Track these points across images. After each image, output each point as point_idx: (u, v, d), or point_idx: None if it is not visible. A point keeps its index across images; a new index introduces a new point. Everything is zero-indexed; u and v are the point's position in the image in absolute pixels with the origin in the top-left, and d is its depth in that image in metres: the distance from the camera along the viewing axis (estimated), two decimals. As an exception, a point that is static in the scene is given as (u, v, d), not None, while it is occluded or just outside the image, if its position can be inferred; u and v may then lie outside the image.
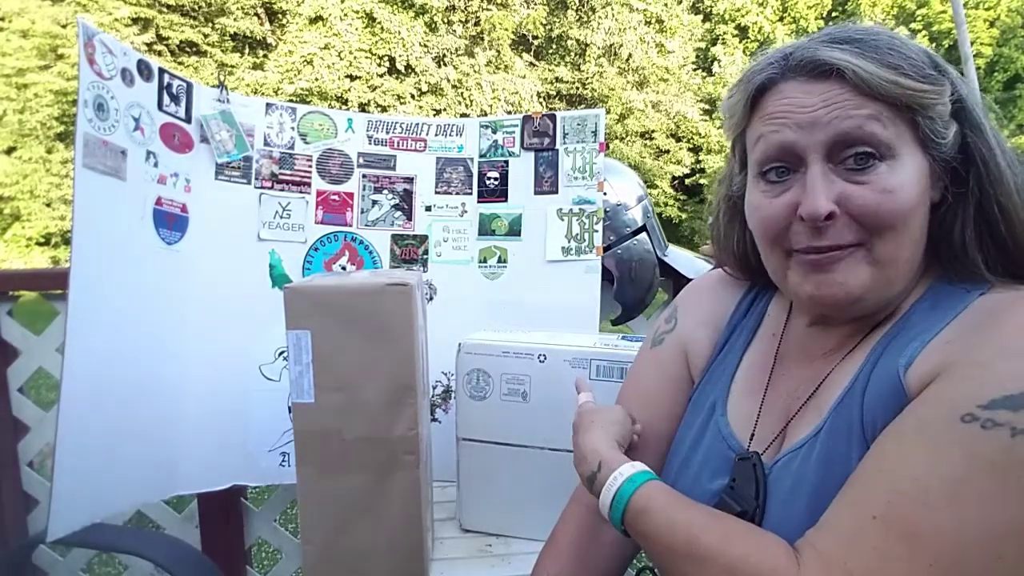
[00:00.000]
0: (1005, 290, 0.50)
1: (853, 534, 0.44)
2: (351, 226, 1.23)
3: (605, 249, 1.26)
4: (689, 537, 0.50)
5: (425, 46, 12.31)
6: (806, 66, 0.51)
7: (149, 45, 11.34)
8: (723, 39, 14.74)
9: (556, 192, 1.23)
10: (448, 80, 12.49)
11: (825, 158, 0.50)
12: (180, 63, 11.83)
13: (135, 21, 11.17)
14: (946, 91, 0.51)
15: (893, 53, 0.49)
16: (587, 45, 13.50)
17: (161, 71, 1.04)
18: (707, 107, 14.00)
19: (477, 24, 12.88)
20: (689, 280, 1.34)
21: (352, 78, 11.89)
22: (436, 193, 1.26)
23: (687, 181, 14.03)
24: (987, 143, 0.52)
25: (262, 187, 1.17)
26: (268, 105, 1.18)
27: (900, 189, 0.49)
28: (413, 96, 12.35)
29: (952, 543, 0.41)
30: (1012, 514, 0.40)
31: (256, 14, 12.90)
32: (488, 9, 12.70)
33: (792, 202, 0.52)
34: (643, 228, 1.33)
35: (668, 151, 13.69)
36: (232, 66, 12.23)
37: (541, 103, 13.05)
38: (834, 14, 14.85)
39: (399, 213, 1.25)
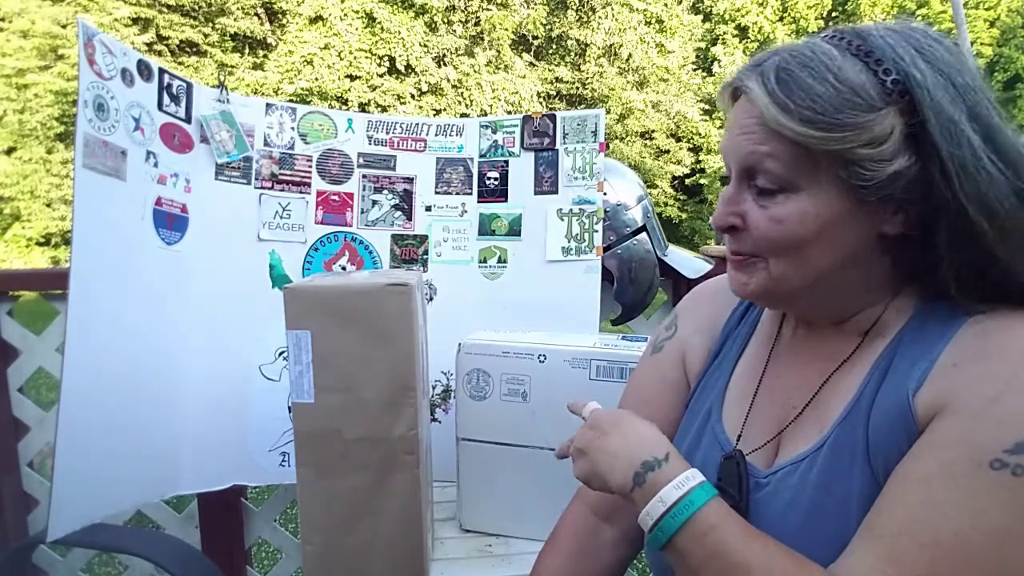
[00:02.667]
0: (994, 312, 0.49)
1: None
2: (351, 226, 1.23)
3: (605, 249, 1.26)
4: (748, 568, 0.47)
5: (425, 46, 12.31)
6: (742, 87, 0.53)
7: (149, 45, 11.33)
8: (723, 39, 14.73)
9: (556, 192, 1.23)
10: (448, 80, 12.49)
11: (742, 176, 0.54)
12: (180, 63, 11.82)
13: (135, 21, 11.16)
14: (867, 132, 0.47)
15: (796, 89, 0.48)
16: (587, 45, 13.49)
17: (161, 71, 1.04)
18: (707, 107, 13.99)
19: (477, 24, 12.87)
20: (689, 280, 1.35)
21: (352, 78, 11.89)
22: (436, 193, 1.26)
23: (687, 181, 14.03)
24: (950, 178, 0.47)
25: (262, 187, 1.17)
26: (268, 105, 1.18)
27: (789, 222, 0.51)
28: (413, 96, 12.35)
29: None
30: None
31: (256, 14, 12.89)
32: (488, 9, 12.69)
33: None
34: (643, 228, 1.33)
35: (668, 151, 13.68)
36: (232, 66, 12.23)
37: (541, 103, 13.04)
38: (834, 14, 14.85)
39: (399, 213, 1.25)
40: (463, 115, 11.77)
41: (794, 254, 0.52)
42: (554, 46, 14.11)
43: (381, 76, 12.14)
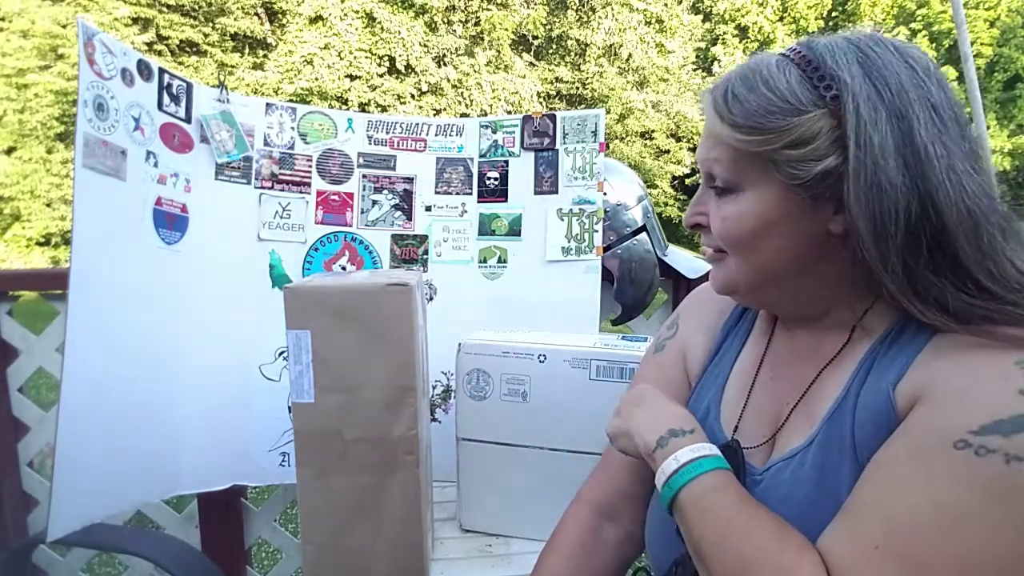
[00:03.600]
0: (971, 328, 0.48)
1: (855, 567, 0.44)
2: (351, 226, 1.23)
3: (605, 249, 1.26)
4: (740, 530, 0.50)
5: (425, 46, 12.31)
6: None
7: (149, 45, 11.32)
8: (723, 39, 14.75)
9: (556, 192, 1.23)
10: (448, 80, 12.48)
11: (705, 179, 0.59)
12: (180, 63, 11.82)
13: (135, 21, 11.14)
14: (790, 135, 0.49)
15: (732, 100, 0.53)
16: (587, 45, 13.50)
17: (161, 71, 1.04)
18: (707, 107, 13.97)
19: (477, 24, 12.87)
20: (689, 280, 1.35)
21: (352, 78, 11.88)
22: (436, 193, 1.26)
23: (687, 181, 14.03)
24: (850, 179, 0.48)
25: (262, 187, 1.17)
26: (268, 105, 1.18)
27: (734, 219, 0.55)
28: (413, 96, 12.34)
29: (954, 572, 0.41)
30: (1012, 540, 0.40)
31: (256, 14, 12.89)
32: (488, 9, 12.69)
33: None
34: (643, 228, 1.33)
35: (668, 151, 13.69)
36: (232, 66, 12.22)
37: (541, 103, 13.04)
38: (834, 14, 14.86)
39: (399, 213, 1.25)
40: (463, 115, 11.76)
41: (745, 249, 0.56)
42: (554, 46, 14.11)
43: (381, 76, 12.13)
